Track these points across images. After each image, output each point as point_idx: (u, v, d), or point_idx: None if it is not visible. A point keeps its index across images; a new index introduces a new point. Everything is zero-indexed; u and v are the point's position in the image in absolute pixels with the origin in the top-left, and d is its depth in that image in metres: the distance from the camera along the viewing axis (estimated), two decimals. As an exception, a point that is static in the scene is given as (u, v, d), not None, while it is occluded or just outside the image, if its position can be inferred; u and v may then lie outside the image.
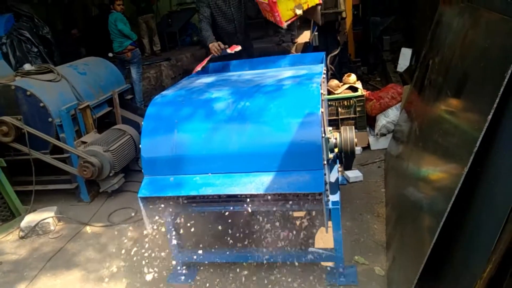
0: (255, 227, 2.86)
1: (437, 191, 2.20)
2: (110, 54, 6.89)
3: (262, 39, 9.14)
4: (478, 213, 1.75)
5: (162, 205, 2.51)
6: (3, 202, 4.11)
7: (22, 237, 3.85)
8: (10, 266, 3.44)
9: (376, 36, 7.30)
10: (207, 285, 2.84)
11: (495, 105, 1.64)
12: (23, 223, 3.89)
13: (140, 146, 2.46)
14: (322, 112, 2.30)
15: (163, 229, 2.78)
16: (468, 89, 2.14)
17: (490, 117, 1.65)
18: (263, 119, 2.36)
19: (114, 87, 5.19)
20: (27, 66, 4.55)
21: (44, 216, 3.94)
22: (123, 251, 3.35)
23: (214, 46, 4.19)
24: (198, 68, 3.60)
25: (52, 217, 3.95)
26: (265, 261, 2.78)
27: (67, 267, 3.32)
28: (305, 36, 8.28)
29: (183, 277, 2.89)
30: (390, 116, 4.53)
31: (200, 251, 2.81)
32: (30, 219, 3.93)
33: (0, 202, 4.09)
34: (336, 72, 5.52)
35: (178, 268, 2.90)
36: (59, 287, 3.10)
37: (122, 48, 6.74)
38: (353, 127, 2.71)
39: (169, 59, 8.77)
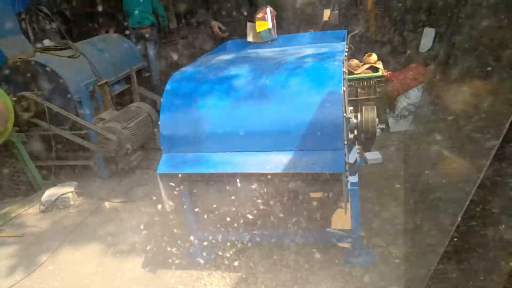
0: (273, 207, 2.85)
1: (460, 176, 2.15)
2: (127, 32, 6.83)
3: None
4: (507, 196, 1.71)
5: (180, 182, 2.51)
6: (24, 177, 4.20)
7: (42, 211, 3.93)
8: (32, 238, 3.53)
9: (399, 15, 7.09)
10: (226, 262, 2.86)
11: (528, 86, 1.57)
12: (43, 197, 3.97)
13: (159, 122, 2.45)
14: (344, 91, 2.24)
15: (182, 206, 2.80)
16: (495, 70, 2.06)
17: (522, 98, 1.59)
18: (283, 97, 2.32)
19: (131, 65, 5.18)
20: (47, 42, 4.58)
21: (64, 190, 4.01)
22: (141, 227, 3.39)
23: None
24: None
25: (72, 192, 4.02)
26: (283, 242, 2.78)
27: (87, 241, 3.39)
28: (324, 15, 8.09)
29: (202, 254, 2.92)
30: (411, 98, 4.43)
31: (218, 229, 2.82)
32: (50, 193, 4.01)
33: (21, 177, 4.18)
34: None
35: (197, 244, 2.92)
36: (79, 260, 3.17)
37: (142, 24, 6.56)
38: (375, 107, 2.64)
39: (186, 37, 8.70)
